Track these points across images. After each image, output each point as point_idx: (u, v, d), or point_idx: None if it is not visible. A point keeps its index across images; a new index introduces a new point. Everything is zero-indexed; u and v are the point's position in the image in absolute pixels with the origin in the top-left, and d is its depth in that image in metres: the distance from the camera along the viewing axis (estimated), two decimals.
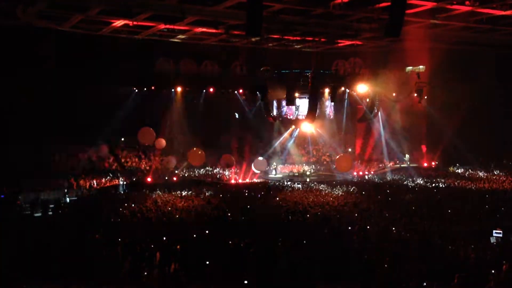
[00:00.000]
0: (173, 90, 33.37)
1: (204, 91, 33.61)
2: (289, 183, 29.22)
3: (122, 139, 34.42)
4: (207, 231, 15.45)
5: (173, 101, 33.93)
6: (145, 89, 31.88)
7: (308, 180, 31.55)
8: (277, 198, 22.73)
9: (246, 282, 10.74)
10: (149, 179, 28.66)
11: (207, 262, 11.87)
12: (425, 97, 33.29)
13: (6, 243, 13.75)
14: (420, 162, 39.33)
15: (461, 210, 19.70)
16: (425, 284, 10.70)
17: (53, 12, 21.68)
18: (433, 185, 27.79)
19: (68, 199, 24.65)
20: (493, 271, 11.11)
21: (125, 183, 28.02)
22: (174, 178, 29.74)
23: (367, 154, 38.26)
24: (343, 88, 35.35)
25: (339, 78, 33.55)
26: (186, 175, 31.04)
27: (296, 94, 33.97)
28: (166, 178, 29.45)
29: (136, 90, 32.59)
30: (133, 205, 20.73)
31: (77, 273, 11.18)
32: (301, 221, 17.58)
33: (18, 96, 26.69)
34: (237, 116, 37.21)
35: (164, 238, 14.38)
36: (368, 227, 16.40)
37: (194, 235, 15.01)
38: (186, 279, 11.10)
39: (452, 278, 10.53)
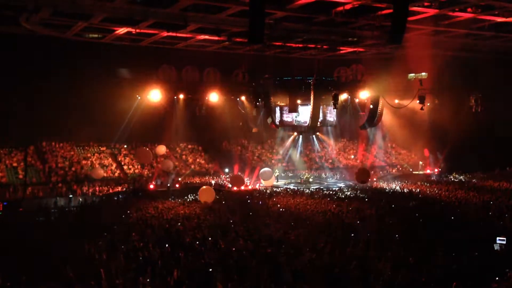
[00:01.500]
0: (175, 97, 33.46)
1: (207, 98, 33.70)
2: (291, 189, 29.17)
3: (125, 145, 34.50)
4: (210, 238, 15.40)
5: (176, 108, 33.97)
6: (148, 96, 31.92)
7: (310, 186, 31.50)
8: (279, 205, 22.63)
9: None
10: (151, 186, 28.63)
11: (210, 270, 11.82)
12: (428, 104, 33.28)
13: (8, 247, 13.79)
14: (424, 168, 39.27)
15: (464, 216, 19.56)
16: None
17: (56, 20, 21.83)
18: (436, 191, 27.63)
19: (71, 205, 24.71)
20: (497, 278, 11.02)
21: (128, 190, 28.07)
22: (177, 185, 29.72)
23: (370, 161, 38.23)
24: (345, 95, 35.38)
25: (341, 85, 33.57)
26: (188, 182, 31.01)
27: (298, 101, 34.01)
28: (169, 185, 29.42)
29: (139, 97, 32.69)
30: (135, 213, 20.67)
31: (77, 278, 11.15)
32: (303, 229, 17.45)
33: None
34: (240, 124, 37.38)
35: (167, 245, 14.33)
36: (368, 234, 16.30)
37: (197, 242, 14.96)
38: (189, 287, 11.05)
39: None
